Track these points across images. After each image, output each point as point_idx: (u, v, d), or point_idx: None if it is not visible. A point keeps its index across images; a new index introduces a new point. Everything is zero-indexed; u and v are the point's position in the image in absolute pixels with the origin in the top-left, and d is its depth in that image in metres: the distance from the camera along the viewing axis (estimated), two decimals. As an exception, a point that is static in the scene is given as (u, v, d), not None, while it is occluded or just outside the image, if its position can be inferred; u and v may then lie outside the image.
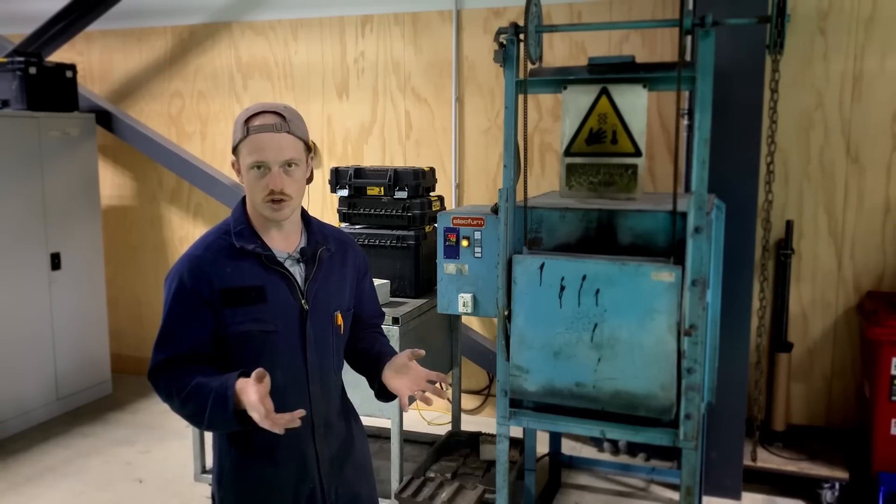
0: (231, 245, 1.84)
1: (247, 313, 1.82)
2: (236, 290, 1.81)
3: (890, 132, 3.92)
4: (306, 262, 1.92)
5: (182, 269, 1.82)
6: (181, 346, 1.81)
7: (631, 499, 3.87)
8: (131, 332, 5.77)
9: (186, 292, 1.80)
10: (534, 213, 2.97)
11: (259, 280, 1.84)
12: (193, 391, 1.74)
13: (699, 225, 2.64)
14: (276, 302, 1.84)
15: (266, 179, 1.79)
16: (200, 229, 5.46)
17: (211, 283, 1.80)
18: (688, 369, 2.68)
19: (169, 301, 1.83)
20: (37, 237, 4.74)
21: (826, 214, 4.05)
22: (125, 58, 5.49)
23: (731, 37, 3.47)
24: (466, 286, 3.41)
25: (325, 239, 1.98)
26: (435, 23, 4.69)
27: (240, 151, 1.82)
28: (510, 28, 2.84)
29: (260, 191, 1.80)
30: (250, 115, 1.81)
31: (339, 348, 2.01)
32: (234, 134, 1.84)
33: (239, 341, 1.83)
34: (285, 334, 1.86)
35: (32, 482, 4.03)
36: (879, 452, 3.58)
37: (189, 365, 1.81)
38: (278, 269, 1.86)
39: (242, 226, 1.88)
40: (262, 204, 1.81)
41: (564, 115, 2.99)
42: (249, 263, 1.84)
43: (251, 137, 1.78)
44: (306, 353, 1.89)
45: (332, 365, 1.98)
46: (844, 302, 4.07)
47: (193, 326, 1.81)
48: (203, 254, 1.83)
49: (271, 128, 1.78)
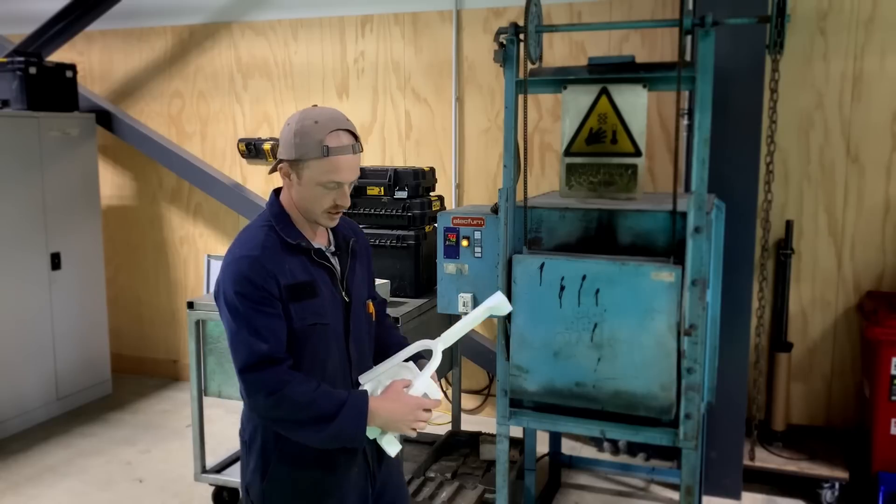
0: (282, 241, 1.87)
1: (307, 308, 1.85)
2: (296, 285, 1.84)
3: (890, 132, 3.92)
4: (340, 256, 1.98)
5: (243, 271, 1.81)
6: (271, 340, 1.80)
7: (631, 499, 3.87)
8: (131, 332, 5.77)
9: (257, 290, 1.79)
10: (534, 213, 2.98)
11: (309, 275, 1.87)
12: (320, 399, 1.77)
13: (699, 225, 2.64)
14: (325, 296, 1.89)
15: (334, 196, 1.85)
16: (200, 229, 5.47)
17: (276, 279, 1.81)
18: (688, 369, 2.68)
19: (240, 303, 1.80)
20: (37, 237, 4.74)
21: (826, 214, 4.05)
22: (125, 58, 5.49)
23: (731, 37, 3.47)
24: (466, 286, 3.41)
25: (346, 231, 2.05)
26: (435, 23, 4.69)
27: (309, 166, 1.83)
28: (510, 28, 2.84)
29: (326, 205, 1.86)
30: (328, 131, 1.81)
31: (371, 335, 2.08)
32: (297, 146, 1.82)
33: (304, 335, 1.85)
34: (334, 326, 1.91)
35: (32, 482, 4.03)
36: (879, 452, 3.58)
37: (288, 362, 1.81)
38: (324, 264, 1.92)
39: (285, 222, 1.91)
40: (322, 214, 1.88)
41: (564, 115, 2.99)
42: (299, 259, 1.87)
43: (331, 159, 1.81)
44: (349, 344, 1.95)
45: (367, 353, 2.05)
46: (844, 302, 4.07)
47: (275, 321, 1.81)
48: (261, 253, 1.83)
49: (349, 150, 1.83)
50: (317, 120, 1.82)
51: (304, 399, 1.77)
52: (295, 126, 1.84)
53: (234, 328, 1.82)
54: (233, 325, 1.82)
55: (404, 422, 1.83)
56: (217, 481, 3.69)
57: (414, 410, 1.84)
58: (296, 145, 1.82)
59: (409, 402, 1.85)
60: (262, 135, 5.19)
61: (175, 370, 5.68)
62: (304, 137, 1.81)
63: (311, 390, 1.78)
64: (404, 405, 1.84)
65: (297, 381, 1.79)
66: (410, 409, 1.84)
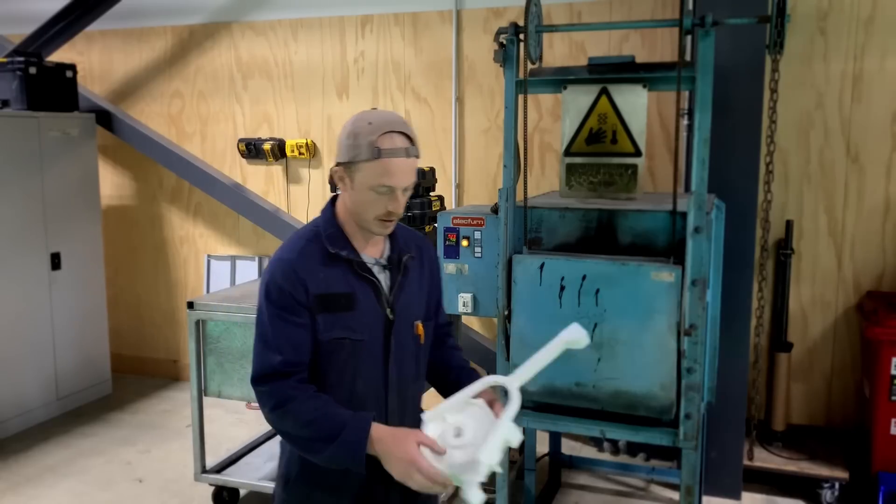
0: (323, 250, 1.79)
1: (338, 320, 1.77)
2: (329, 296, 1.77)
3: (890, 132, 3.92)
4: (391, 270, 1.88)
5: (275, 274, 1.77)
6: (286, 351, 1.74)
7: (631, 499, 3.87)
8: (131, 332, 5.77)
9: (284, 296, 1.75)
10: (534, 213, 2.98)
11: (349, 287, 1.79)
12: (320, 419, 1.70)
13: (699, 225, 2.64)
14: (364, 310, 1.80)
15: (386, 201, 1.75)
16: (200, 229, 5.47)
17: (306, 287, 1.75)
18: (688, 369, 2.68)
19: (266, 307, 1.77)
20: (37, 237, 4.74)
21: (826, 214, 4.05)
22: (125, 58, 5.49)
23: (731, 37, 3.47)
24: (466, 286, 3.41)
25: (407, 244, 1.93)
26: (435, 23, 4.69)
27: (361, 169, 1.73)
28: (510, 28, 2.84)
29: (378, 211, 1.76)
30: (380, 133, 1.72)
31: (419, 358, 1.95)
32: (350, 148, 1.74)
33: (329, 349, 1.78)
34: (370, 344, 1.82)
35: (32, 482, 4.03)
36: (879, 452, 3.58)
37: (298, 376, 1.75)
38: (367, 277, 1.82)
39: (333, 229, 1.83)
40: (374, 221, 1.78)
41: (564, 115, 2.99)
42: (341, 269, 1.80)
43: (383, 161, 1.72)
44: (388, 364, 1.85)
45: (411, 376, 1.92)
46: (844, 302, 4.07)
47: (295, 330, 1.75)
48: (296, 258, 1.78)
49: (403, 153, 1.74)
50: (371, 121, 1.75)
51: (305, 418, 1.71)
52: (349, 128, 1.77)
53: (256, 334, 1.80)
54: (257, 330, 1.79)
55: (394, 467, 1.66)
56: (217, 481, 3.69)
57: (406, 465, 1.64)
58: (348, 147, 1.75)
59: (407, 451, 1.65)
60: (261, 135, 5.19)
61: (175, 370, 5.68)
62: (357, 139, 1.73)
63: (314, 409, 1.71)
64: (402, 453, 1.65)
65: (302, 397, 1.73)
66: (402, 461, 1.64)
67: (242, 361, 3.54)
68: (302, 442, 1.74)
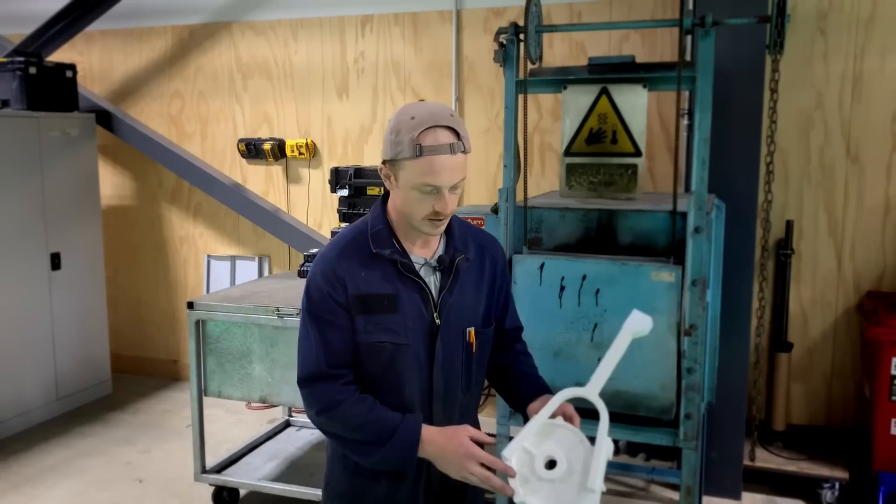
0: (367, 248, 1.72)
1: (379, 322, 1.70)
2: (369, 296, 1.70)
3: (890, 132, 3.92)
4: (443, 272, 1.77)
5: (316, 273, 1.72)
6: (329, 354, 1.70)
7: (631, 499, 3.87)
8: (131, 332, 5.77)
9: (323, 297, 1.69)
10: (534, 213, 2.97)
11: (392, 288, 1.71)
12: (371, 423, 1.67)
13: (699, 225, 2.64)
14: (408, 312, 1.72)
15: (433, 201, 1.65)
16: (200, 229, 5.47)
17: (345, 287, 1.69)
18: (688, 369, 2.68)
19: (307, 307, 1.73)
20: (37, 237, 4.74)
21: (826, 214, 4.05)
22: (125, 58, 5.49)
23: (731, 37, 3.47)
24: (466, 286, 3.40)
25: (465, 245, 1.83)
26: (435, 23, 4.69)
27: (403, 167, 1.64)
28: (510, 28, 2.84)
29: (424, 211, 1.67)
30: (422, 129, 1.61)
31: (470, 367, 1.83)
32: (393, 144, 1.64)
33: (369, 352, 1.71)
34: (414, 348, 1.73)
35: (32, 482, 4.03)
36: (879, 452, 3.58)
37: (344, 379, 1.71)
38: (413, 278, 1.73)
39: (380, 227, 1.74)
40: (422, 221, 1.68)
41: (564, 115, 2.99)
42: (384, 269, 1.72)
43: (426, 159, 1.61)
44: (432, 371, 1.76)
45: (460, 385, 1.82)
46: (844, 302, 4.07)
47: (335, 332, 1.70)
48: (337, 256, 1.72)
49: (447, 149, 1.62)
50: (413, 115, 1.63)
51: (355, 421, 1.67)
52: (393, 122, 1.66)
53: (301, 334, 1.75)
54: (301, 332, 1.75)
55: (451, 464, 1.63)
56: (217, 481, 3.69)
57: (463, 458, 1.61)
58: (391, 143, 1.65)
59: (461, 444, 1.62)
60: (261, 135, 5.19)
61: (175, 370, 5.67)
62: (399, 135, 1.63)
63: (364, 412, 1.68)
64: (456, 447, 1.63)
65: (350, 400, 1.69)
66: (457, 455, 1.62)
67: (242, 361, 3.54)
68: (351, 444, 1.71)
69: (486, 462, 1.59)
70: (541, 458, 1.61)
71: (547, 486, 1.58)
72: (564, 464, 1.60)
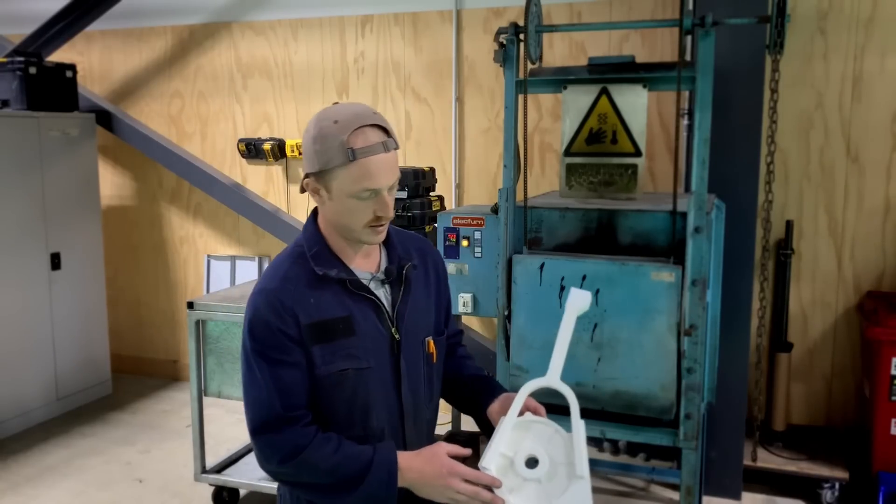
0: (310, 271, 1.59)
1: (337, 349, 1.57)
2: (323, 323, 1.56)
3: (890, 132, 3.92)
4: (392, 283, 1.67)
5: (259, 308, 1.56)
6: (284, 396, 1.54)
7: (631, 499, 3.87)
8: (131, 332, 5.77)
9: (271, 333, 1.54)
10: (534, 213, 2.98)
11: (344, 310, 1.58)
12: (343, 462, 1.53)
13: (699, 225, 2.64)
14: (365, 333, 1.60)
15: (373, 206, 1.54)
16: (200, 229, 5.47)
17: (296, 317, 1.55)
18: (688, 369, 2.68)
19: (251, 347, 1.56)
20: (37, 237, 4.74)
21: (826, 214, 4.05)
22: (125, 58, 5.49)
23: (731, 37, 3.47)
24: (466, 286, 3.41)
25: (407, 252, 1.73)
26: (435, 23, 4.69)
27: (335, 176, 1.52)
28: (510, 28, 2.84)
29: (365, 218, 1.55)
30: (350, 131, 1.50)
31: (432, 379, 1.74)
32: (319, 154, 1.52)
33: (330, 384, 1.57)
34: (378, 371, 1.62)
35: (32, 482, 4.03)
36: (879, 452, 3.58)
37: (304, 420, 1.57)
38: (364, 295, 1.62)
39: (318, 247, 1.62)
40: (363, 230, 1.57)
41: (564, 115, 2.99)
42: (333, 291, 1.59)
43: (360, 163, 1.50)
44: (400, 390, 1.65)
45: (426, 401, 1.73)
46: (844, 302, 4.07)
47: (289, 370, 1.55)
48: (281, 286, 1.57)
49: (381, 148, 1.52)
50: (336, 119, 1.52)
51: (325, 465, 1.52)
52: (313, 131, 1.53)
53: (246, 379, 1.59)
54: (246, 376, 1.59)
55: (434, 487, 1.52)
56: (217, 481, 3.69)
57: (446, 478, 1.51)
58: (317, 153, 1.52)
59: (442, 464, 1.53)
60: (262, 135, 5.19)
61: (175, 370, 5.67)
62: (326, 142, 1.51)
63: (332, 452, 1.53)
64: (437, 468, 1.53)
65: (315, 442, 1.54)
66: (440, 476, 1.52)
67: (242, 361, 3.54)
68: (323, 489, 1.55)
69: (469, 478, 1.51)
70: (521, 459, 1.56)
71: (534, 485, 1.54)
72: (546, 458, 1.55)
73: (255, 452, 1.59)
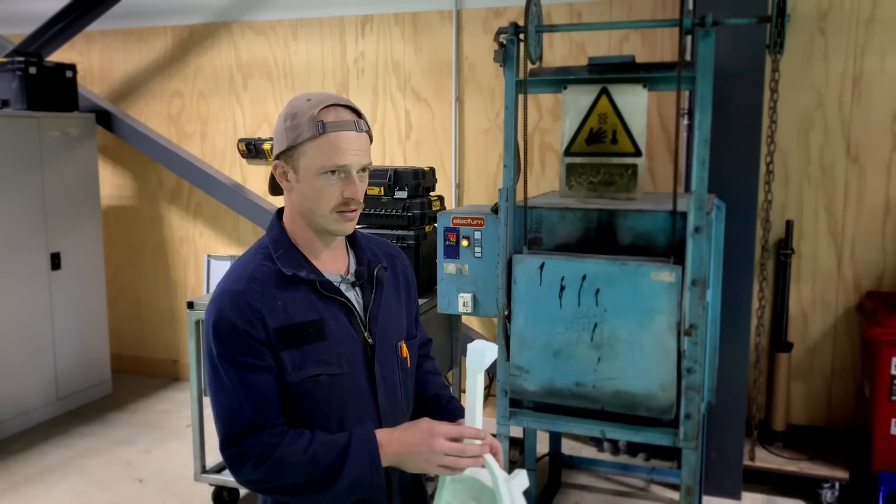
0: (277, 273, 1.52)
1: (308, 355, 1.49)
2: (292, 327, 1.48)
3: (890, 132, 3.92)
4: (363, 286, 1.62)
5: (223, 310, 1.47)
6: (254, 402, 1.47)
7: (631, 499, 3.87)
8: (131, 332, 5.77)
9: (237, 336, 1.46)
10: (534, 213, 2.97)
11: (315, 313, 1.51)
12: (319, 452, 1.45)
13: (699, 225, 2.64)
14: (337, 338, 1.53)
15: (342, 187, 1.49)
16: (200, 229, 5.47)
17: (263, 320, 1.47)
18: (688, 369, 2.68)
19: (217, 352, 1.48)
20: (37, 237, 4.74)
21: (826, 214, 4.05)
22: (125, 58, 5.49)
23: (731, 37, 3.47)
24: (466, 286, 3.41)
25: (375, 254, 1.68)
26: (435, 23, 4.69)
27: (304, 152, 1.48)
28: (510, 28, 2.84)
29: (332, 200, 1.50)
30: (321, 107, 1.48)
31: (406, 384, 1.69)
32: (289, 130, 1.49)
33: (302, 391, 1.49)
34: (351, 376, 1.54)
35: (32, 482, 4.03)
36: (879, 452, 3.58)
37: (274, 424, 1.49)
38: (336, 297, 1.55)
39: (284, 248, 1.56)
40: (331, 216, 1.52)
41: (564, 115, 2.99)
42: (302, 293, 1.52)
43: (329, 136, 1.46)
44: (377, 396, 1.58)
45: (402, 406, 1.66)
46: (844, 302, 4.07)
47: (258, 375, 1.47)
48: (247, 287, 1.49)
49: (352, 126, 1.49)
50: (309, 98, 1.50)
51: (301, 459, 1.44)
52: (286, 111, 1.52)
53: (214, 386, 1.49)
54: (213, 383, 1.49)
55: (421, 454, 1.45)
56: (217, 481, 3.69)
57: (428, 440, 1.45)
58: (287, 130, 1.49)
59: (420, 428, 1.47)
60: (262, 135, 5.19)
61: (175, 370, 5.68)
62: (297, 118, 1.48)
63: (307, 445, 1.45)
64: (418, 432, 1.47)
65: (287, 440, 1.45)
66: (422, 441, 1.45)
67: (242, 361, 3.54)
68: (303, 486, 1.46)
69: (452, 434, 1.45)
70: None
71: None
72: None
73: (226, 463, 1.49)
